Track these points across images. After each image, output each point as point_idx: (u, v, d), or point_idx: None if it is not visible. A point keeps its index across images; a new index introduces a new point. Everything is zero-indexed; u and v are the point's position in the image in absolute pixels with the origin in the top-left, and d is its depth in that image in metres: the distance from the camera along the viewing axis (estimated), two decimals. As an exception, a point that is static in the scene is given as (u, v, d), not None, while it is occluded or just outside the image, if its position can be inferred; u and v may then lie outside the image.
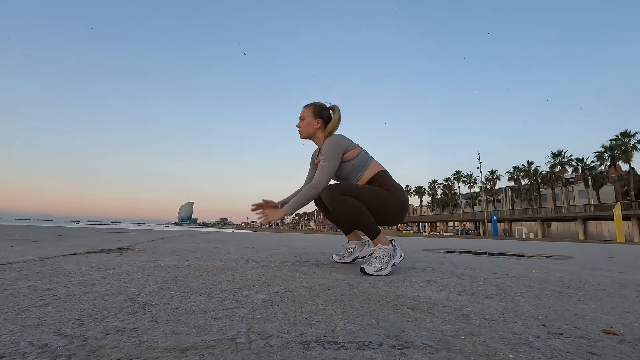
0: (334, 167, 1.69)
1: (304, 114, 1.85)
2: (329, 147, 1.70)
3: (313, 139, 1.88)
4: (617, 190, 34.08)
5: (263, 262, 1.91)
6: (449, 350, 0.63)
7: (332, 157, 1.69)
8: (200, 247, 2.99)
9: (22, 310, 0.79)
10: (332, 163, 1.69)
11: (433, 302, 1.03)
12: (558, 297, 1.19)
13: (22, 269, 1.40)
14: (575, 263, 2.69)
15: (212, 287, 1.14)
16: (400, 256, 1.67)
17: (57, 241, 3.06)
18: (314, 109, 1.83)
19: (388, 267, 1.56)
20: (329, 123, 1.84)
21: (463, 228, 48.20)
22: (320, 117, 1.83)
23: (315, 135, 1.85)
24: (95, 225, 24.71)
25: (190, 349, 0.59)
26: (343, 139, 1.76)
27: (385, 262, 1.56)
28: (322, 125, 1.83)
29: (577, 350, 0.66)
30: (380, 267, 1.54)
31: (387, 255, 1.59)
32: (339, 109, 1.86)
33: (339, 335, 0.69)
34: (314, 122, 1.82)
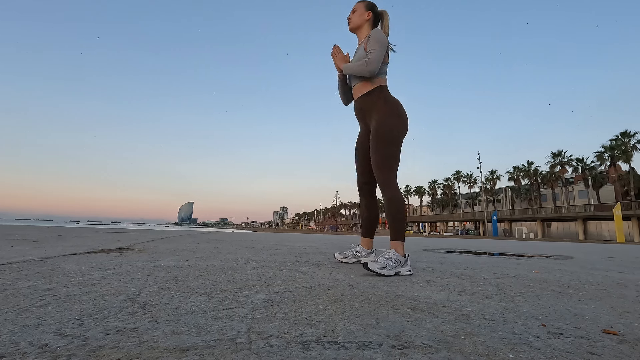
0: (382, 54, 1.77)
1: (357, 7, 1.95)
2: (378, 37, 1.78)
3: (359, 31, 1.96)
4: (617, 190, 34.08)
5: (263, 262, 1.91)
6: (449, 350, 0.63)
7: (382, 45, 1.77)
8: (200, 247, 2.99)
9: (22, 310, 0.79)
10: (380, 51, 1.76)
11: (433, 302, 1.03)
12: (558, 297, 1.19)
13: (22, 269, 1.40)
14: (575, 263, 2.69)
15: (212, 287, 1.14)
16: (408, 271, 1.62)
17: (57, 241, 3.06)
18: (367, 4, 1.94)
19: (392, 270, 1.54)
20: (376, 23, 1.96)
21: (463, 228, 48.20)
22: (371, 11, 1.93)
23: (363, 27, 1.94)
24: (95, 225, 24.70)
25: (190, 349, 0.59)
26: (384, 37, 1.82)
27: (391, 265, 1.54)
28: (372, 19, 1.93)
29: (577, 350, 0.66)
30: (384, 266, 1.52)
31: (397, 261, 1.57)
32: (388, 15, 1.96)
33: (339, 335, 0.69)
34: (365, 14, 1.93)
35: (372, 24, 1.94)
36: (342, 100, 2.08)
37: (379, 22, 1.97)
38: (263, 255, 2.37)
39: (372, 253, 2.02)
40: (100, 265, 1.56)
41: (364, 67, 1.78)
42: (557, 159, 40.05)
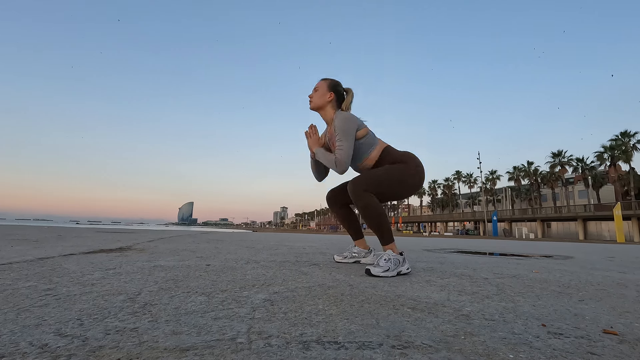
0: (351, 146, 1.71)
1: (319, 86, 1.87)
2: (342, 125, 1.71)
3: (322, 111, 1.89)
4: (617, 190, 34.08)
5: (263, 262, 1.91)
6: (449, 350, 0.63)
7: (348, 136, 1.71)
8: (200, 247, 2.99)
9: (22, 310, 0.79)
10: (349, 141, 1.71)
11: (433, 302, 1.03)
12: (558, 297, 1.19)
13: (22, 269, 1.40)
14: (575, 263, 2.69)
15: (212, 287, 1.14)
16: (408, 269, 1.62)
17: (57, 241, 3.06)
18: (330, 83, 1.86)
19: (394, 271, 1.54)
20: (341, 102, 1.87)
21: (463, 228, 48.21)
22: (333, 92, 1.85)
23: (325, 108, 1.87)
24: (95, 225, 24.70)
25: (190, 349, 0.59)
26: (354, 117, 1.77)
27: (393, 266, 1.54)
28: (335, 99, 1.85)
29: (577, 350, 0.66)
30: (387, 268, 1.52)
31: (397, 261, 1.57)
32: (352, 92, 1.89)
33: (339, 335, 0.69)
34: (327, 94, 1.85)
35: (335, 104, 1.86)
36: (315, 177, 2.02)
37: (343, 99, 1.88)
38: (263, 255, 2.37)
39: (370, 252, 2.02)
40: (100, 265, 1.56)
41: (334, 166, 1.74)
42: (557, 159, 40.05)
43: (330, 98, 1.84)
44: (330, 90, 1.84)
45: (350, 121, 1.72)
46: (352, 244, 2.07)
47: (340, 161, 1.71)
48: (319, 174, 2.00)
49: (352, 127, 1.71)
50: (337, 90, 1.86)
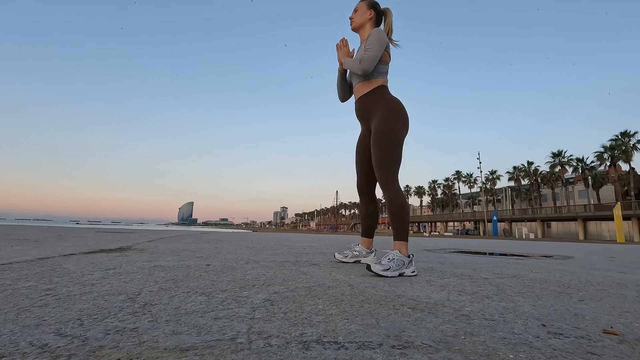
0: (378, 53, 1.74)
1: (359, 6, 1.93)
2: (377, 36, 1.76)
3: (361, 30, 1.94)
4: (617, 190, 34.08)
5: (263, 262, 1.91)
6: (449, 350, 0.63)
7: (378, 45, 1.74)
8: (200, 247, 2.99)
9: (22, 310, 0.79)
10: (377, 50, 1.74)
11: (433, 302, 1.03)
12: (558, 297, 1.19)
13: (22, 269, 1.40)
14: (575, 263, 2.69)
15: (212, 287, 1.14)
16: (413, 272, 1.59)
17: (57, 241, 3.06)
18: (369, 2, 1.91)
19: (396, 271, 1.52)
20: (379, 21, 1.93)
21: (463, 228, 48.21)
22: (373, 9, 1.91)
23: (365, 26, 1.92)
24: (95, 225, 24.69)
25: (190, 349, 0.59)
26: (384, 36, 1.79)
27: (395, 266, 1.52)
28: (374, 17, 1.91)
29: (577, 350, 0.66)
30: (388, 267, 1.50)
31: (401, 262, 1.54)
32: (391, 13, 1.93)
33: (339, 335, 0.69)
34: (367, 13, 1.90)
35: (374, 23, 1.92)
36: (339, 96, 2.06)
37: (381, 21, 1.95)
38: (263, 255, 2.37)
39: (372, 253, 2.01)
40: (100, 265, 1.56)
41: (357, 64, 1.77)
42: (557, 159, 40.06)
43: (370, 15, 1.90)
44: (370, 9, 1.90)
45: (384, 38, 1.77)
46: (357, 242, 2.07)
47: (365, 59, 1.74)
48: (343, 92, 2.03)
49: (384, 43, 1.77)
50: (376, 8, 1.92)
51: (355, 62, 1.79)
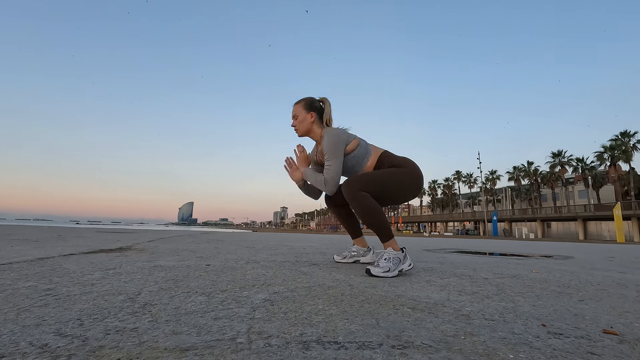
0: (339, 163, 1.68)
1: (296, 111, 1.82)
2: (330, 144, 1.68)
3: (310, 135, 1.85)
4: (617, 190, 34.08)
5: (263, 262, 1.91)
6: (449, 350, 0.63)
7: (335, 154, 1.67)
8: (200, 247, 2.99)
9: (22, 310, 0.79)
10: (337, 161, 1.68)
11: (433, 302, 1.03)
12: (558, 297, 1.19)
13: (22, 269, 1.40)
14: (575, 263, 2.69)
15: (212, 287, 1.14)
16: (410, 265, 1.60)
17: (57, 241, 3.06)
18: (305, 104, 1.81)
19: (395, 271, 1.52)
20: (322, 116, 1.82)
21: (463, 228, 48.21)
22: (312, 110, 1.80)
23: (312, 130, 1.82)
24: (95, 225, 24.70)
25: (190, 349, 0.59)
26: (342, 132, 1.73)
27: (393, 265, 1.52)
28: (317, 118, 1.81)
29: (577, 350, 0.66)
30: (387, 269, 1.49)
31: (397, 259, 1.55)
32: (328, 100, 1.85)
33: (339, 335, 0.69)
34: (308, 117, 1.80)
35: (318, 121, 1.81)
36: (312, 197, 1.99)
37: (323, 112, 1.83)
38: (263, 255, 2.37)
39: (370, 250, 2.01)
40: (100, 265, 1.56)
41: (323, 187, 1.72)
42: (557, 159, 40.05)
43: (312, 119, 1.80)
44: (309, 111, 1.79)
45: (337, 138, 1.69)
46: (352, 243, 2.06)
47: (328, 180, 1.69)
48: (313, 194, 1.97)
49: (340, 144, 1.68)
50: (315, 106, 1.81)
51: (320, 182, 1.72)
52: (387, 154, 1.80)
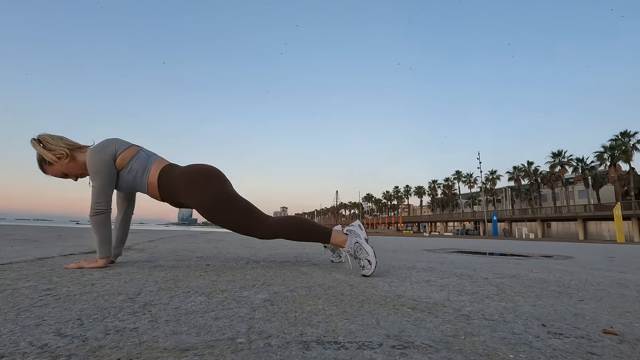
0: (102, 183, 1.43)
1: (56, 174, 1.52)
2: (89, 162, 1.44)
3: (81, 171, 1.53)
4: (617, 190, 34.09)
5: (263, 262, 1.91)
6: (449, 350, 0.63)
7: (96, 173, 1.42)
8: (200, 247, 2.99)
9: (22, 310, 0.79)
10: (98, 181, 1.43)
11: (433, 302, 1.03)
12: (558, 297, 1.19)
13: (22, 269, 1.40)
14: (575, 263, 2.69)
15: (212, 287, 1.14)
16: (360, 227, 1.53)
17: (57, 241, 3.06)
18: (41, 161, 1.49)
19: (368, 251, 1.45)
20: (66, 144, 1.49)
21: (463, 228, 48.22)
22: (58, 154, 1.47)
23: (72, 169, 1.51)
24: (95, 225, 24.50)
25: (190, 349, 0.59)
26: (104, 144, 1.47)
27: (363, 252, 1.46)
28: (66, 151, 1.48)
29: (577, 350, 0.66)
30: (367, 261, 1.45)
31: (356, 245, 1.48)
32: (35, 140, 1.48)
33: (339, 335, 0.69)
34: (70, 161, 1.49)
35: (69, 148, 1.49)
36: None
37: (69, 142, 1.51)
38: (263, 255, 2.37)
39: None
40: (100, 265, 1.56)
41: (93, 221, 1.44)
42: (557, 159, 40.06)
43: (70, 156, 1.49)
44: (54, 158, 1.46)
45: (96, 153, 1.43)
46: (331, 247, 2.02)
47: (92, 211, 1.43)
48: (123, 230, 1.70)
49: (100, 160, 1.43)
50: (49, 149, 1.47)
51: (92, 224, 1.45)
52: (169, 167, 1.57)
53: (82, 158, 1.51)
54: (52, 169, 1.50)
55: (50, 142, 1.46)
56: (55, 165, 1.49)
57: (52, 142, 1.47)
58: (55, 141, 1.47)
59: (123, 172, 1.49)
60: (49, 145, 1.46)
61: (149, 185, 1.53)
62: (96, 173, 1.43)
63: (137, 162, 1.50)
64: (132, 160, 1.49)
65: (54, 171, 1.51)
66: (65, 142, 1.49)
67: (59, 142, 1.47)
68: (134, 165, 1.49)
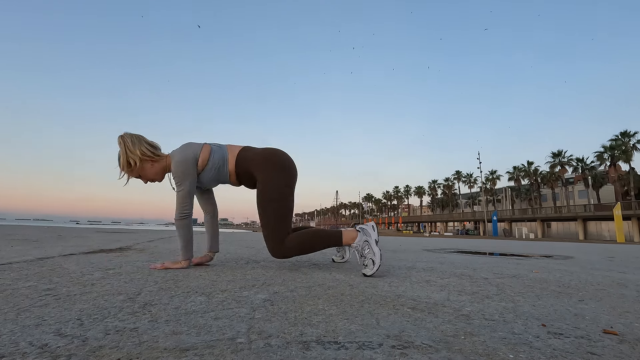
0: (188, 188, 1.54)
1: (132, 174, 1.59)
2: (175, 169, 1.53)
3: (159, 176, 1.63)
4: (617, 190, 34.08)
5: (263, 262, 1.91)
6: (449, 350, 0.63)
7: (181, 178, 1.53)
8: (200, 247, 2.99)
9: (22, 310, 0.79)
10: (184, 185, 1.53)
11: (433, 302, 1.03)
12: (558, 297, 1.19)
13: (22, 269, 1.40)
14: (575, 263, 2.69)
15: (212, 287, 1.14)
16: (373, 228, 1.55)
17: (57, 241, 3.06)
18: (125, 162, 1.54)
19: (375, 251, 1.47)
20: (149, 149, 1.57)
21: (463, 228, 48.22)
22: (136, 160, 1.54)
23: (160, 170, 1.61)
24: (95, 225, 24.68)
25: (190, 349, 0.59)
26: (184, 151, 1.55)
27: (370, 251, 1.47)
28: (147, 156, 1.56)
29: (577, 350, 0.66)
30: (372, 261, 1.46)
31: (365, 243, 1.49)
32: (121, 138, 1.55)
33: (339, 335, 0.69)
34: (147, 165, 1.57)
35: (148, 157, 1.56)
36: None
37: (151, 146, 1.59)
38: (263, 255, 2.37)
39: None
40: (100, 265, 1.56)
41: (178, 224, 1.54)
42: (557, 159, 40.06)
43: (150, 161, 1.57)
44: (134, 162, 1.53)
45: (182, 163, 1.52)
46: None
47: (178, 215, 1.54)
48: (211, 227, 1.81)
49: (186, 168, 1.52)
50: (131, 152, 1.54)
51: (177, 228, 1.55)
52: (244, 152, 1.64)
53: (157, 167, 1.60)
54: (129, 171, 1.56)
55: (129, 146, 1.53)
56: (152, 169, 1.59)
57: (130, 147, 1.53)
58: (134, 145, 1.54)
59: (205, 170, 1.59)
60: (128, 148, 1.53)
61: (231, 173, 1.64)
62: (182, 180, 1.53)
63: (216, 157, 1.60)
64: (210, 157, 1.58)
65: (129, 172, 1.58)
66: (143, 149, 1.55)
67: (135, 150, 1.53)
68: (214, 160, 1.59)
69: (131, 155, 1.53)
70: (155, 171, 1.60)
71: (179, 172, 1.52)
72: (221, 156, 1.61)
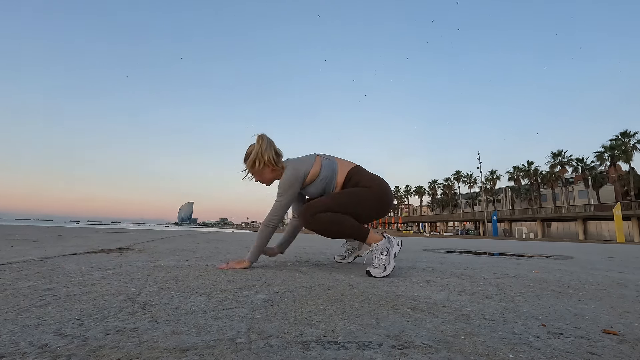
0: (287, 201, 1.62)
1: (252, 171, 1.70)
2: (283, 182, 1.61)
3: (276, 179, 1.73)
4: (617, 190, 34.08)
5: (263, 262, 1.91)
6: (449, 350, 0.63)
7: (285, 191, 1.61)
8: (200, 247, 2.99)
9: (22, 310, 0.79)
10: (284, 198, 1.61)
11: (433, 302, 1.03)
12: (558, 297, 1.19)
13: (22, 269, 1.40)
14: (575, 263, 2.69)
15: (212, 287, 1.14)
16: (398, 244, 1.60)
17: (57, 241, 3.06)
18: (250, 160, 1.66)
19: (390, 261, 1.51)
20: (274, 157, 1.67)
21: (463, 228, 48.22)
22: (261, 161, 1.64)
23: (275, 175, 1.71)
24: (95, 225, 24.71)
25: (190, 349, 0.59)
26: (297, 167, 1.63)
27: (386, 259, 1.51)
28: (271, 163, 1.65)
29: (577, 350, 0.66)
30: (384, 266, 1.49)
31: (385, 250, 1.53)
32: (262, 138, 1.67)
33: (339, 335, 0.69)
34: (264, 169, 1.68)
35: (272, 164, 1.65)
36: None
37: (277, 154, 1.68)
38: (262, 255, 2.37)
39: (363, 244, 1.98)
40: (100, 265, 1.56)
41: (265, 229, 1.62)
42: (557, 159, 40.05)
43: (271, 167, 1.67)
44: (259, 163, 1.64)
45: (292, 177, 1.61)
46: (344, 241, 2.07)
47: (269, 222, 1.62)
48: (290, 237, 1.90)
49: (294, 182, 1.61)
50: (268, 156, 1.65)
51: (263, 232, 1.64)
52: (356, 170, 1.72)
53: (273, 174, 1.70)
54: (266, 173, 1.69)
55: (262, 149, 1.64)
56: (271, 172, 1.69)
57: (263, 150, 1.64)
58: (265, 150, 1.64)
59: (314, 183, 1.67)
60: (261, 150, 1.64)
61: (337, 185, 1.71)
62: (284, 192, 1.61)
63: (326, 170, 1.68)
64: (321, 171, 1.67)
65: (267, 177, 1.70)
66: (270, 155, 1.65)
67: (264, 154, 1.64)
68: (323, 175, 1.67)
69: (260, 157, 1.64)
70: (269, 177, 1.71)
71: (286, 185, 1.61)
72: (331, 171, 1.69)
